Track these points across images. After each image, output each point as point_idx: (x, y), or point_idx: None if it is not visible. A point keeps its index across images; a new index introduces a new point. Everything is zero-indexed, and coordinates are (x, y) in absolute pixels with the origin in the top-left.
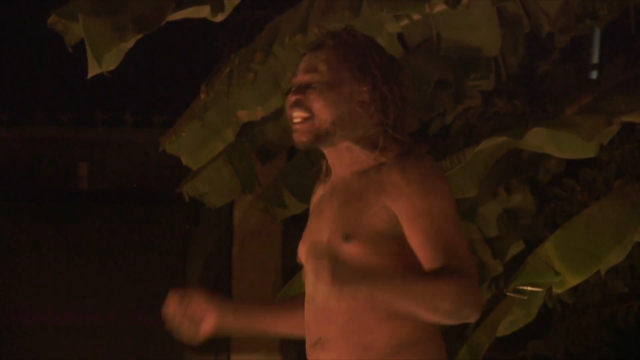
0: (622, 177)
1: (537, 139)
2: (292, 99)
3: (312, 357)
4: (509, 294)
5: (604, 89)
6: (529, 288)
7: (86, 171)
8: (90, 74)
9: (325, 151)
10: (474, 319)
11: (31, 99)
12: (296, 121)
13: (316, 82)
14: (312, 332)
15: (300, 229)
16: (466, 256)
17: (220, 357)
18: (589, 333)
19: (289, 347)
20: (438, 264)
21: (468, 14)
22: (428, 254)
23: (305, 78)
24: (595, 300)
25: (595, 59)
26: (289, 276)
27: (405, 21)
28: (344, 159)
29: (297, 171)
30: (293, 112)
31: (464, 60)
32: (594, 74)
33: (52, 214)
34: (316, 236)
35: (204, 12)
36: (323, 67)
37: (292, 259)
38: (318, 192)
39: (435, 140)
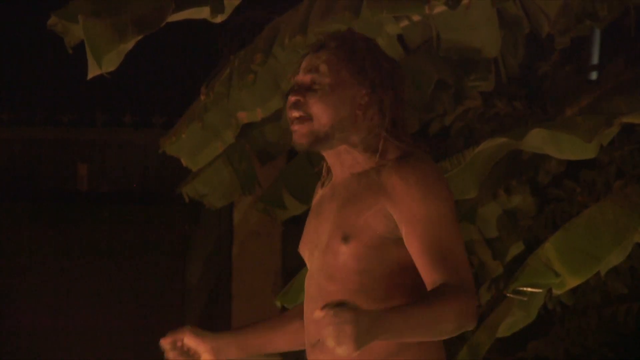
0: (622, 178)
1: (537, 140)
2: (292, 99)
3: (311, 357)
4: (509, 295)
5: (604, 89)
6: (529, 289)
7: (86, 172)
8: (90, 75)
9: (325, 154)
10: (472, 328)
11: (31, 99)
12: (295, 123)
13: (317, 83)
14: (311, 333)
15: (300, 230)
16: (462, 266)
17: None
18: (589, 334)
19: None
20: (435, 275)
21: (468, 15)
22: (425, 263)
23: (305, 78)
24: (595, 302)
25: (595, 59)
26: (289, 277)
27: (405, 22)
28: (344, 161)
29: (297, 172)
30: (292, 114)
31: (463, 61)
32: (594, 74)
33: (52, 214)
34: (316, 238)
35: (204, 13)
36: (324, 68)
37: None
38: (318, 193)
39: (435, 141)
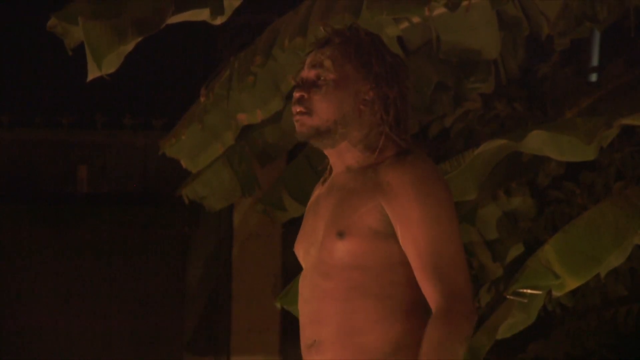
0: (622, 179)
1: (537, 141)
2: (297, 95)
3: (307, 358)
4: (508, 296)
5: (603, 91)
6: (529, 291)
7: (86, 174)
8: (90, 77)
9: (326, 152)
10: (472, 330)
11: (31, 101)
12: (297, 115)
13: (321, 79)
14: (306, 334)
15: None
16: (456, 270)
17: (220, 358)
18: (589, 336)
19: (288, 349)
20: (426, 284)
21: (468, 16)
22: (417, 267)
23: (310, 73)
24: (595, 303)
25: (595, 61)
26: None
27: (405, 24)
28: (344, 158)
29: (297, 174)
30: (296, 109)
31: (463, 63)
32: (593, 76)
33: (52, 216)
34: (312, 235)
35: (204, 15)
36: (328, 63)
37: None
38: (315, 192)
39: (435, 143)
